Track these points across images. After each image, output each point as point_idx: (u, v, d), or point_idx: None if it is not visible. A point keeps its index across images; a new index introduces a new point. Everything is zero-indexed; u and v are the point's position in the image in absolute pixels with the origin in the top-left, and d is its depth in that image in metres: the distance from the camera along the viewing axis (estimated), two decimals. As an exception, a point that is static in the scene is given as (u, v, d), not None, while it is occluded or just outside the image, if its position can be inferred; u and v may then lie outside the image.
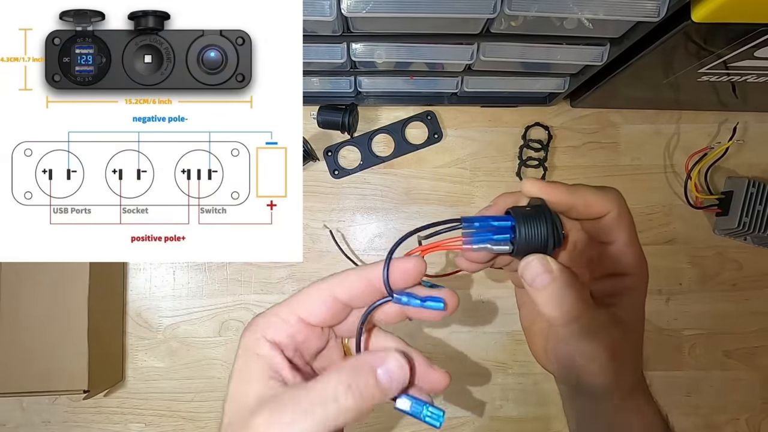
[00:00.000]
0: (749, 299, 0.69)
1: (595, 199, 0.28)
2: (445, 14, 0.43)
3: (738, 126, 0.66)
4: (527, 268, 0.26)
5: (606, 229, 0.29)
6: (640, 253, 0.30)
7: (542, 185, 0.28)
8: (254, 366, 0.24)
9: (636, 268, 0.29)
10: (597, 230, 0.29)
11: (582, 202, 0.28)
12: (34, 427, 0.66)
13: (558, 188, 0.28)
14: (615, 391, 0.29)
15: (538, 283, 0.26)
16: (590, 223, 0.29)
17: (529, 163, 0.70)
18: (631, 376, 0.30)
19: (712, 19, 0.39)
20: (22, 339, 0.58)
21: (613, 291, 0.29)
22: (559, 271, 0.26)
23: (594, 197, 0.28)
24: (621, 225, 0.29)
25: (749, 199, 0.64)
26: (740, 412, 0.68)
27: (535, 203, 0.28)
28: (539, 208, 0.27)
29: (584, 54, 0.51)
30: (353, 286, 0.25)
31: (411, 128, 0.71)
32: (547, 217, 0.27)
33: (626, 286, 0.29)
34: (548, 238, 0.26)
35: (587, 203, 0.28)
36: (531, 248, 0.27)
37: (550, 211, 0.27)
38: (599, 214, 0.28)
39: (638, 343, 0.30)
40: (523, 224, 0.27)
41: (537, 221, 0.27)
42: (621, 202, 0.29)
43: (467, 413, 0.68)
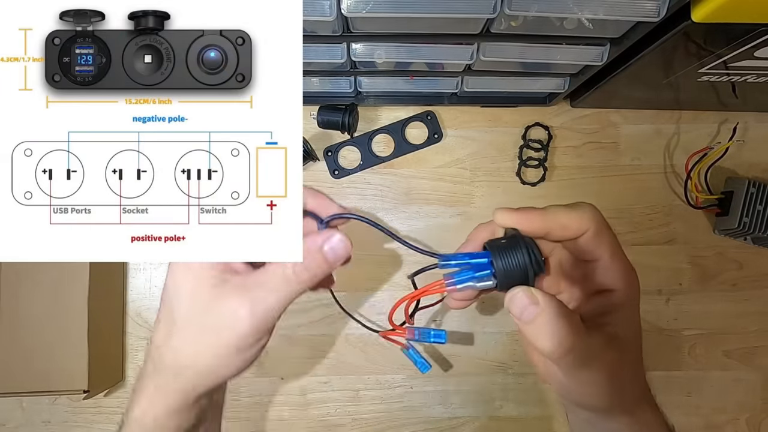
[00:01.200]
0: (749, 299, 0.69)
1: (569, 219, 0.27)
2: (445, 14, 0.43)
3: (738, 126, 0.66)
4: (513, 303, 0.26)
5: (587, 247, 0.28)
6: (626, 267, 0.29)
7: (514, 214, 0.28)
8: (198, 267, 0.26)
9: (624, 282, 0.29)
10: (578, 249, 0.29)
11: (557, 226, 0.27)
12: (34, 427, 0.66)
13: (530, 215, 0.27)
14: (618, 407, 0.29)
15: (525, 316, 0.25)
16: (571, 243, 0.29)
17: (529, 163, 0.70)
18: (632, 392, 0.30)
19: (712, 19, 0.39)
20: (22, 339, 0.58)
21: (603, 309, 0.29)
22: (546, 302, 0.25)
23: (568, 218, 0.27)
24: (601, 241, 0.28)
25: (749, 199, 0.64)
26: (740, 412, 0.68)
27: (511, 233, 0.28)
28: (514, 237, 0.27)
29: (584, 54, 0.51)
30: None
31: (411, 128, 0.71)
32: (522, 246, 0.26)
33: (616, 302, 0.29)
34: (527, 268, 0.26)
35: (562, 225, 0.27)
36: (513, 280, 0.26)
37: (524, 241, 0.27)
38: (576, 235, 0.28)
39: (637, 358, 0.29)
40: (500, 258, 0.26)
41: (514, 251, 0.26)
42: (598, 218, 0.28)
43: (467, 413, 0.68)
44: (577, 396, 0.29)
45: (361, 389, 0.68)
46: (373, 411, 0.68)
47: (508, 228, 0.28)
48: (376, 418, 0.68)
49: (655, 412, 0.31)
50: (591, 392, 0.28)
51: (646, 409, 0.31)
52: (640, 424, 0.30)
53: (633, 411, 0.30)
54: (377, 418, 0.68)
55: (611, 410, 0.29)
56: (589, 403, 0.29)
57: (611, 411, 0.29)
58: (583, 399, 0.29)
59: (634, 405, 0.30)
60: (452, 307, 0.31)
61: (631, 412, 0.30)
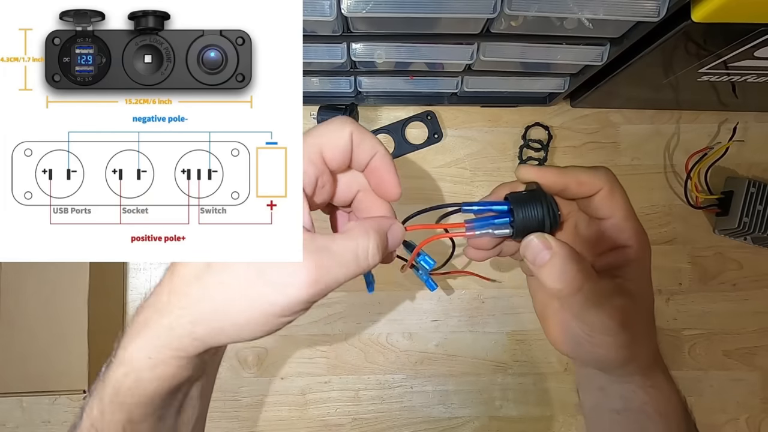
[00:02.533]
0: (749, 299, 0.69)
1: (587, 177, 0.29)
2: (445, 14, 0.43)
3: (738, 126, 0.66)
4: (528, 248, 0.27)
5: (601, 205, 0.30)
6: (638, 226, 0.30)
7: (536, 170, 0.29)
8: None
9: (636, 240, 0.30)
10: (593, 208, 0.30)
11: (574, 181, 0.29)
12: (34, 427, 0.66)
13: (550, 171, 0.29)
14: (632, 364, 0.29)
15: (539, 260, 0.27)
16: (586, 202, 0.30)
17: (529, 163, 0.70)
18: (646, 349, 0.30)
19: (712, 19, 0.39)
20: (22, 339, 0.58)
21: (616, 264, 0.30)
22: (558, 246, 0.27)
23: (585, 175, 0.29)
24: (615, 200, 0.29)
25: (749, 199, 0.64)
26: (740, 412, 0.68)
27: (531, 188, 0.29)
28: (534, 191, 0.29)
29: (584, 54, 0.51)
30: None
31: (411, 128, 0.71)
32: (542, 199, 0.28)
33: (629, 257, 0.30)
34: (544, 219, 0.28)
35: (579, 181, 0.29)
36: (529, 229, 0.28)
37: (545, 193, 0.28)
38: (592, 192, 0.29)
39: (649, 314, 0.30)
40: (520, 207, 0.28)
41: (533, 203, 0.28)
42: (612, 179, 0.30)
43: (467, 413, 0.68)
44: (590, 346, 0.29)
45: (361, 389, 0.68)
46: (373, 411, 0.68)
47: (530, 183, 0.29)
48: (376, 418, 0.68)
49: (669, 378, 0.32)
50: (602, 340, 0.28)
51: (659, 373, 0.31)
52: (655, 387, 0.31)
53: (646, 371, 0.30)
54: (377, 418, 0.68)
55: (624, 365, 0.29)
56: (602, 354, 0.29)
57: (624, 366, 0.29)
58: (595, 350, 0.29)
59: (648, 365, 0.31)
60: (470, 256, 0.32)
61: (644, 371, 0.30)
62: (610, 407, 0.32)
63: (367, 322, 0.69)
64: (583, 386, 0.34)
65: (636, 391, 0.31)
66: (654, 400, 0.31)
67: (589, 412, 0.34)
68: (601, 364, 0.30)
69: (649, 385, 0.31)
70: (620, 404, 0.31)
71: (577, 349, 0.30)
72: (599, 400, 0.33)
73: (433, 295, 0.69)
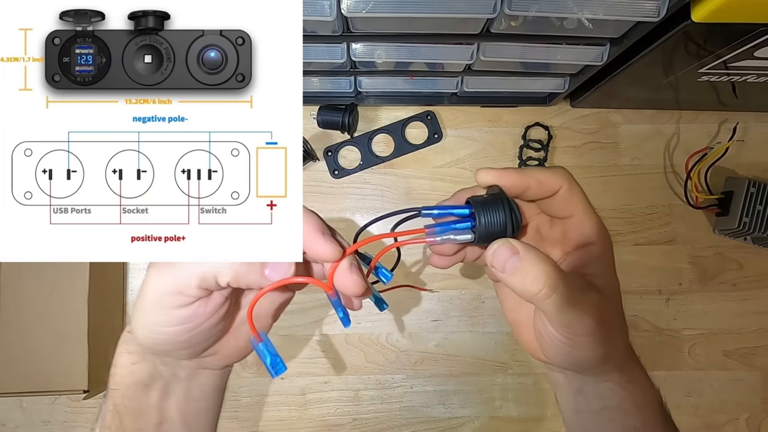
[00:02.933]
0: (749, 299, 0.69)
1: (546, 176, 0.29)
2: (445, 14, 0.43)
3: (738, 126, 0.66)
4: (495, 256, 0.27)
5: (562, 204, 0.30)
6: (599, 221, 0.30)
7: (495, 172, 0.29)
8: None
9: (598, 236, 0.30)
10: (554, 207, 0.30)
11: (534, 181, 0.29)
12: (34, 427, 0.66)
13: (510, 172, 0.29)
14: (609, 362, 0.29)
15: (509, 267, 0.26)
16: (547, 202, 0.30)
17: (529, 163, 0.70)
18: (621, 343, 0.30)
19: (712, 19, 0.39)
20: (22, 339, 0.58)
21: (582, 262, 0.30)
22: (525, 249, 0.26)
23: (544, 175, 0.29)
24: (574, 197, 0.29)
25: (749, 199, 0.64)
26: (740, 412, 0.68)
27: (492, 192, 0.29)
28: (496, 195, 0.28)
29: (584, 54, 0.51)
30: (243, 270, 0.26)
31: (411, 128, 0.71)
32: (503, 202, 0.27)
33: (593, 254, 0.30)
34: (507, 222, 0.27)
35: (539, 181, 0.29)
36: (492, 234, 0.27)
37: (506, 196, 0.28)
38: (552, 191, 0.29)
39: (620, 309, 0.30)
40: (482, 211, 0.27)
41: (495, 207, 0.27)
42: (569, 177, 0.30)
43: (467, 413, 0.68)
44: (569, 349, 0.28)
45: (361, 389, 0.68)
46: (373, 411, 0.68)
47: (491, 187, 0.29)
48: (376, 418, 0.68)
49: (643, 371, 0.32)
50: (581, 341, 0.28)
51: (634, 366, 0.31)
52: (632, 382, 0.31)
53: (622, 367, 0.30)
54: (377, 418, 0.68)
55: (602, 363, 0.29)
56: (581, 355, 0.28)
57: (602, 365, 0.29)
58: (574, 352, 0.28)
59: (623, 360, 0.31)
60: (433, 264, 0.31)
61: (620, 367, 0.30)
62: (590, 408, 0.32)
63: (367, 322, 0.69)
64: (561, 391, 0.34)
65: (614, 388, 0.31)
66: (631, 395, 0.31)
67: (569, 416, 0.34)
68: (579, 366, 0.30)
69: (626, 380, 0.31)
70: (599, 404, 0.31)
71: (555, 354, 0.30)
72: (579, 403, 0.33)
73: (433, 295, 0.69)
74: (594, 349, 0.28)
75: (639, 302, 0.69)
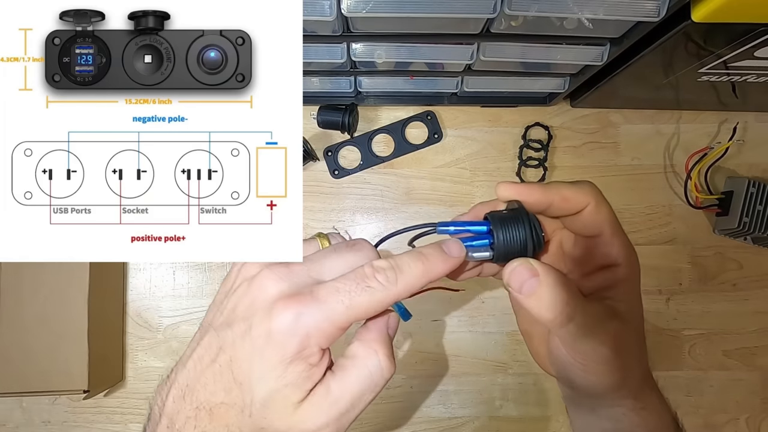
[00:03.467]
0: (749, 299, 0.69)
1: (572, 192, 0.27)
2: (445, 14, 0.43)
3: (738, 126, 0.66)
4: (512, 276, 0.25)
5: (588, 222, 0.28)
6: (627, 242, 0.29)
7: (517, 187, 0.27)
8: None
9: (625, 258, 0.28)
10: (580, 225, 0.28)
11: (558, 198, 0.27)
12: (34, 427, 0.66)
13: (533, 188, 0.27)
14: (624, 388, 0.28)
15: (526, 289, 0.25)
16: (572, 219, 0.28)
17: (529, 163, 0.70)
18: (638, 371, 0.29)
19: (712, 19, 0.39)
20: (22, 339, 0.58)
21: (605, 284, 0.29)
22: (546, 272, 0.25)
23: (570, 191, 0.27)
24: (602, 215, 0.28)
25: (749, 199, 0.64)
26: (740, 412, 0.68)
27: (512, 206, 0.27)
28: (516, 210, 0.26)
29: (584, 54, 0.51)
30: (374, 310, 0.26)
31: (411, 128, 0.71)
32: (524, 219, 0.26)
33: (618, 277, 0.28)
34: (527, 241, 0.25)
35: (564, 197, 0.27)
36: (511, 253, 0.26)
37: (527, 213, 0.26)
38: (578, 208, 0.28)
39: (640, 335, 0.29)
40: (501, 228, 0.26)
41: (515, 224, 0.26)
42: (597, 193, 0.28)
43: (467, 413, 0.68)
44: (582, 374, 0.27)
45: (361, 389, 0.68)
46: (373, 411, 0.68)
47: (511, 202, 0.28)
48: (376, 418, 0.68)
49: (659, 396, 0.30)
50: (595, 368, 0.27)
51: (650, 393, 0.30)
52: (646, 408, 0.29)
53: (637, 394, 0.29)
54: (377, 418, 0.68)
55: (616, 390, 0.28)
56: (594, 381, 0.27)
57: (616, 391, 0.28)
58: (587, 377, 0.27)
59: (639, 387, 0.29)
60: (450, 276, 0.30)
61: (635, 394, 0.29)
62: (602, 428, 0.31)
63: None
64: (572, 405, 0.33)
65: (627, 413, 0.29)
66: (645, 422, 0.30)
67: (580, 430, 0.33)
68: (591, 390, 0.29)
69: (640, 407, 0.29)
70: (611, 425, 0.30)
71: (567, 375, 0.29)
72: (590, 421, 0.32)
73: (433, 295, 0.69)
74: (608, 378, 0.27)
75: (639, 302, 0.69)
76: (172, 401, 0.24)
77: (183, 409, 0.24)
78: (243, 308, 0.24)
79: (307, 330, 0.23)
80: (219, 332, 0.24)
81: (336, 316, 0.24)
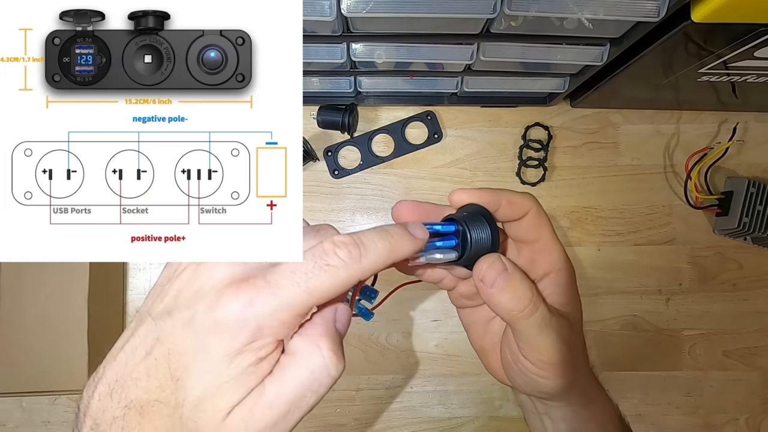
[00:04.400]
0: (749, 299, 0.69)
1: (516, 197, 0.29)
2: (444, 14, 0.43)
3: (738, 126, 0.66)
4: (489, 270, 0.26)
5: (529, 227, 0.30)
6: (563, 249, 0.31)
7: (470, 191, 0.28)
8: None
9: (564, 263, 0.30)
10: (522, 231, 0.30)
11: (505, 200, 0.28)
12: (34, 427, 0.66)
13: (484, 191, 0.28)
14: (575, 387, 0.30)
15: (499, 283, 0.26)
16: (515, 225, 0.30)
17: (529, 163, 0.70)
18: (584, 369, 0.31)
19: (712, 19, 0.39)
20: (22, 339, 0.58)
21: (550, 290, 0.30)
22: (512, 266, 0.27)
23: (514, 196, 0.29)
24: (542, 221, 0.30)
25: (749, 199, 0.64)
26: (740, 412, 0.68)
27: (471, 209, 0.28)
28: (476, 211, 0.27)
29: (584, 54, 0.51)
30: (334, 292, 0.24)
31: (411, 128, 0.71)
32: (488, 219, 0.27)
33: (561, 282, 0.30)
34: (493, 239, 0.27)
35: (510, 201, 0.29)
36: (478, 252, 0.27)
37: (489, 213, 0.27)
38: (522, 212, 0.29)
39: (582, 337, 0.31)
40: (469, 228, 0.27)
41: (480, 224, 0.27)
42: (537, 202, 0.30)
43: (467, 413, 0.68)
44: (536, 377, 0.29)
45: (361, 389, 0.68)
46: (373, 411, 0.68)
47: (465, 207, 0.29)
48: (376, 418, 0.68)
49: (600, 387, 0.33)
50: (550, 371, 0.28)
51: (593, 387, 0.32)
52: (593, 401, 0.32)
53: (586, 391, 0.31)
54: (377, 418, 0.68)
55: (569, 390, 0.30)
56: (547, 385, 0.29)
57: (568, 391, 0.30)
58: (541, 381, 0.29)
59: (587, 385, 0.31)
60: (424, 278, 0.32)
61: (584, 392, 0.31)
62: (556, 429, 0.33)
63: (367, 323, 0.69)
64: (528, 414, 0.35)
65: (577, 410, 0.31)
66: (594, 414, 0.32)
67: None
68: (546, 393, 0.30)
69: (588, 401, 0.32)
70: (565, 426, 0.32)
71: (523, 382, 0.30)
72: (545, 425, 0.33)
73: (433, 295, 0.69)
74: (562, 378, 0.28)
75: (639, 302, 0.69)
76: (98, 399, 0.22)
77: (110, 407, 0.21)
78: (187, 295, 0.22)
79: (258, 319, 0.21)
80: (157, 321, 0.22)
81: (292, 302, 0.21)
